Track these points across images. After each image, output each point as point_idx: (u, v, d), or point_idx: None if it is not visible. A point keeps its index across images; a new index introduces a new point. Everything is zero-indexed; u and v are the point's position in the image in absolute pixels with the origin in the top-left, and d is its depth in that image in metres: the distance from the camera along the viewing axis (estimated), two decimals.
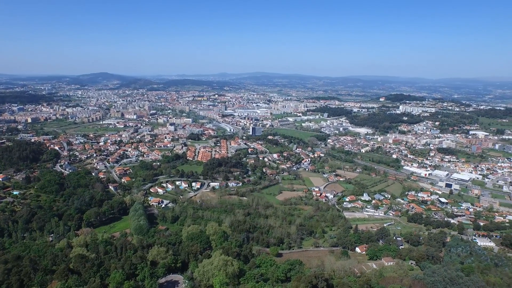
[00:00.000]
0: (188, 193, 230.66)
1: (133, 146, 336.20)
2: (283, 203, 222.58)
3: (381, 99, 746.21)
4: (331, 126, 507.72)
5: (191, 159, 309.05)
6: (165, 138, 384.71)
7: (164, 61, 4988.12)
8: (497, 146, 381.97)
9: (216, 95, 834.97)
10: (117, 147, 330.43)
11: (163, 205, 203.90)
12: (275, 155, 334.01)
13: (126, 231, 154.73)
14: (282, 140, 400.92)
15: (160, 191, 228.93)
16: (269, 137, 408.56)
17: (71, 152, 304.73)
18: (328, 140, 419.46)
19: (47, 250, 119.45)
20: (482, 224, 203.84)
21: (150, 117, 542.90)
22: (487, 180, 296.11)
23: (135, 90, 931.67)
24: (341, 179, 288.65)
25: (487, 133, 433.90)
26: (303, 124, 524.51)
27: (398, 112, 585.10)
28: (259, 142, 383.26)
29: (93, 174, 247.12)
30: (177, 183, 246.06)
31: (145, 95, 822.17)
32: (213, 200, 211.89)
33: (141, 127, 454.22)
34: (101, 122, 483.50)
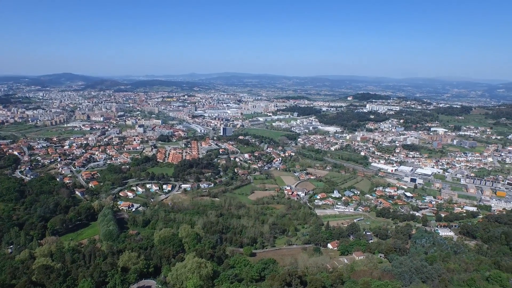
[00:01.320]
0: (159, 196, 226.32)
1: (100, 149, 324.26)
2: (255, 202, 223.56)
3: (349, 98, 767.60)
4: (301, 125, 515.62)
5: (162, 161, 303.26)
6: (134, 140, 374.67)
7: (131, 61, 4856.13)
8: (455, 142, 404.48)
9: (186, 96, 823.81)
10: (84, 151, 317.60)
11: (134, 209, 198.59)
12: (246, 155, 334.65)
13: (95, 237, 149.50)
14: (253, 140, 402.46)
15: (130, 194, 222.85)
16: (240, 137, 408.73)
17: (32, 157, 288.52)
18: (299, 139, 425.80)
19: (5, 263, 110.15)
20: (443, 215, 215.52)
21: (118, 119, 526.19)
22: (447, 174, 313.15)
23: (102, 91, 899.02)
24: (312, 177, 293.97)
25: (446, 130, 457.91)
26: (273, 123, 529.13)
27: (365, 110, 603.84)
28: (230, 142, 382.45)
29: (57, 179, 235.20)
30: (148, 186, 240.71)
31: (112, 97, 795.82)
32: (185, 202, 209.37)
33: (109, 129, 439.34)
34: (65, 125, 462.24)
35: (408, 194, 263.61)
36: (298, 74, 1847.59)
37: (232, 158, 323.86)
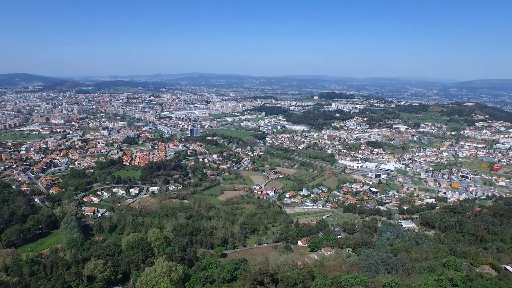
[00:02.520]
0: (126, 200, 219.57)
1: (62, 154, 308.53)
2: (225, 203, 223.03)
3: (315, 97, 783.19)
4: (269, 124, 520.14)
5: (128, 164, 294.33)
6: (98, 143, 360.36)
7: (93, 61, 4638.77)
8: (415, 138, 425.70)
9: (152, 97, 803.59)
10: (43, 156, 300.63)
11: (99, 215, 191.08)
12: (215, 156, 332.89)
13: (57, 246, 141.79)
14: (222, 140, 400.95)
15: (95, 200, 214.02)
16: (208, 137, 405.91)
17: None
18: (267, 139, 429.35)
19: None
20: (405, 208, 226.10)
21: (80, 121, 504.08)
22: (408, 168, 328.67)
23: (62, 92, 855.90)
24: (280, 176, 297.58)
25: (406, 127, 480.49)
26: (241, 123, 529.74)
27: (331, 109, 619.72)
28: (198, 143, 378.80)
29: (13, 187, 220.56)
30: (114, 190, 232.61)
31: (74, 98, 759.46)
32: (153, 205, 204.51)
33: (71, 132, 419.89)
34: (21, 129, 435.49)
35: (373, 189, 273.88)
36: (265, 74, 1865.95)
37: (200, 159, 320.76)
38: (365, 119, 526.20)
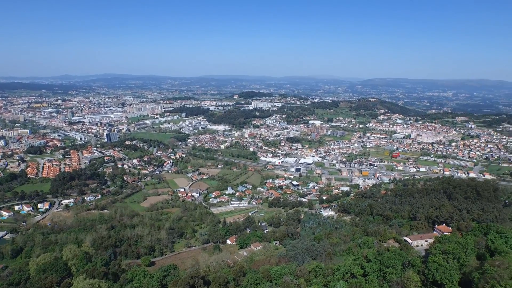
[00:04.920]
0: (34, 217, 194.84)
1: None
2: (149, 209, 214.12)
3: (234, 97, 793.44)
4: (190, 125, 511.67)
5: (34, 176, 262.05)
6: None
7: None
8: (329, 132, 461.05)
9: (60, 101, 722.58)
10: None
11: None
12: (135, 161, 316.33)
13: None
14: (141, 144, 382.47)
15: None
16: (127, 142, 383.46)
17: None
18: (189, 140, 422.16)
19: None
20: (324, 198, 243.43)
21: None
22: (325, 161, 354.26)
23: None
24: (205, 177, 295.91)
25: (321, 122, 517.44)
26: (161, 126, 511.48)
27: (251, 108, 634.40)
28: (116, 148, 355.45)
29: None
30: (17, 207, 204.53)
31: None
32: (68, 220, 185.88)
33: None
34: None
35: (295, 182, 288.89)
36: (184, 74, 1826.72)
37: (119, 165, 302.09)
38: (284, 116, 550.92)
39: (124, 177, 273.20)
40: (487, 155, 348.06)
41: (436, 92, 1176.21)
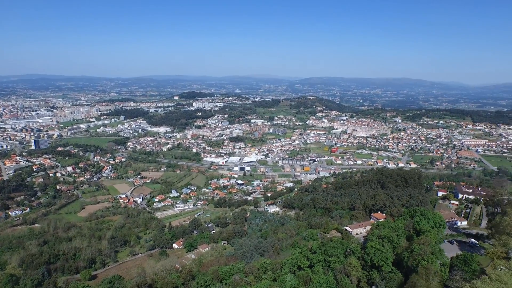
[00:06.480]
0: None
1: None
2: (88, 219, 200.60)
3: (175, 98, 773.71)
4: (129, 128, 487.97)
5: None
6: None
7: None
8: (271, 130, 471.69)
9: None
10: None
11: None
12: (69, 168, 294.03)
13: None
14: (76, 150, 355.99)
15: None
16: (59, 148, 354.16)
17: None
18: (128, 143, 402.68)
19: None
20: (269, 195, 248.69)
21: None
22: (268, 158, 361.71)
23: None
24: (147, 181, 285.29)
25: (263, 120, 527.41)
26: (98, 129, 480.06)
27: (192, 108, 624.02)
28: (47, 156, 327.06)
29: None
30: None
31: None
32: None
33: None
34: None
35: (239, 181, 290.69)
36: (120, 75, 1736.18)
37: (51, 174, 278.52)
38: (226, 116, 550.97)
39: (58, 187, 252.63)
40: (412, 146, 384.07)
41: (368, 89, 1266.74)
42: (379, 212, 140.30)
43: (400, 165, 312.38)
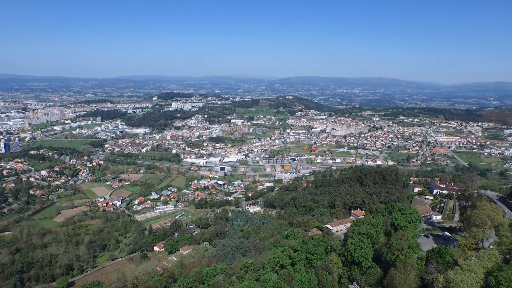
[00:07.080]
0: None
1: None
2: (64, 224, 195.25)
3: (154, 98, 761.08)
4: (106, 130, 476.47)
5: None
6: None
7: None
8: (251, 130, 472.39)
9: None
10: None
11: None
12: (44, 172, 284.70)
13: None
14: (51, 153, 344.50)
15: None
16: (32, 152, 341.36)
17: None
18: (106, 145, 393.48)
19: None
20: (250, 194, 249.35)
21: None
22: (248, 158, 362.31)
23: None
24: (126, 183, 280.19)
25: (243, 120, 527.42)
26: (74, 132, 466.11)
27: (171, 109, 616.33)
28: (19, 160, 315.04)
29: None
30: None
31: None
32: None
33: None
34: None
35: (220, 182, 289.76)
36: (96, 75, 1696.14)
37: (24, 179, 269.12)
38: (205, 116, 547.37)
39: (31, 191, 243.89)
40: (389, 144, 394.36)
41: (346, 89, 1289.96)
42: (358, 209, 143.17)
43: (378, 162, 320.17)
